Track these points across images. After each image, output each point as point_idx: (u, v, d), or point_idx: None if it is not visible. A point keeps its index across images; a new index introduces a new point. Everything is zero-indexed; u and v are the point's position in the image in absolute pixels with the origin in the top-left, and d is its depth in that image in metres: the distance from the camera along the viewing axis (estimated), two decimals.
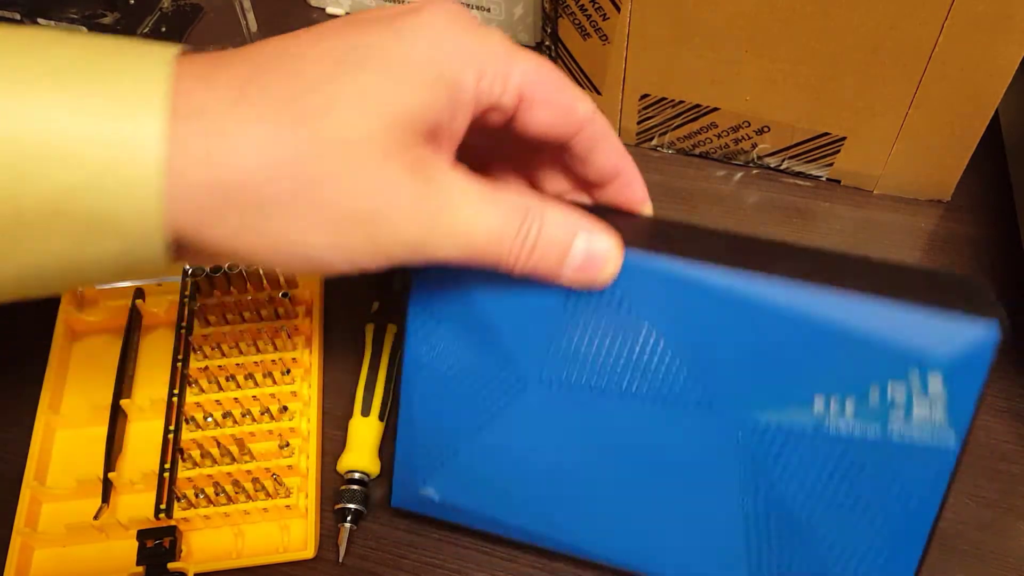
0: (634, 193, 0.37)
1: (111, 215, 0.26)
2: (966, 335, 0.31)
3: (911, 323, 0.32)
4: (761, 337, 0.33)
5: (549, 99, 0.32)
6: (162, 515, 0.41)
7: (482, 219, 0.30)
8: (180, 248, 0.28)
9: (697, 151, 0.55)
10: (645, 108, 0.53)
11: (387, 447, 0.45)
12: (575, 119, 0.33)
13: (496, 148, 0.36)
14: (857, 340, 0.32)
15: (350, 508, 0.42)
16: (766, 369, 0.33)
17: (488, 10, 0.59)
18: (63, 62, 0.25)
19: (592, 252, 0.32)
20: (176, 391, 0.44)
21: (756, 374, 0.34)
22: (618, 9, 0.47)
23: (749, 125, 0.52)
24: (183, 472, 0.42)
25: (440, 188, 0.29)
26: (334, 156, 0.27)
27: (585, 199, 0.38)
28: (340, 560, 0.42)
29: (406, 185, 0.28)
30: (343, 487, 0.43)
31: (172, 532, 0.41)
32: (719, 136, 0.53)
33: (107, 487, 0.42)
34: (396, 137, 0.28)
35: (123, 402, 0.45)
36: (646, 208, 0.38)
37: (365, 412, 0.44)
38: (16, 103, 0.25)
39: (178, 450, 0.43)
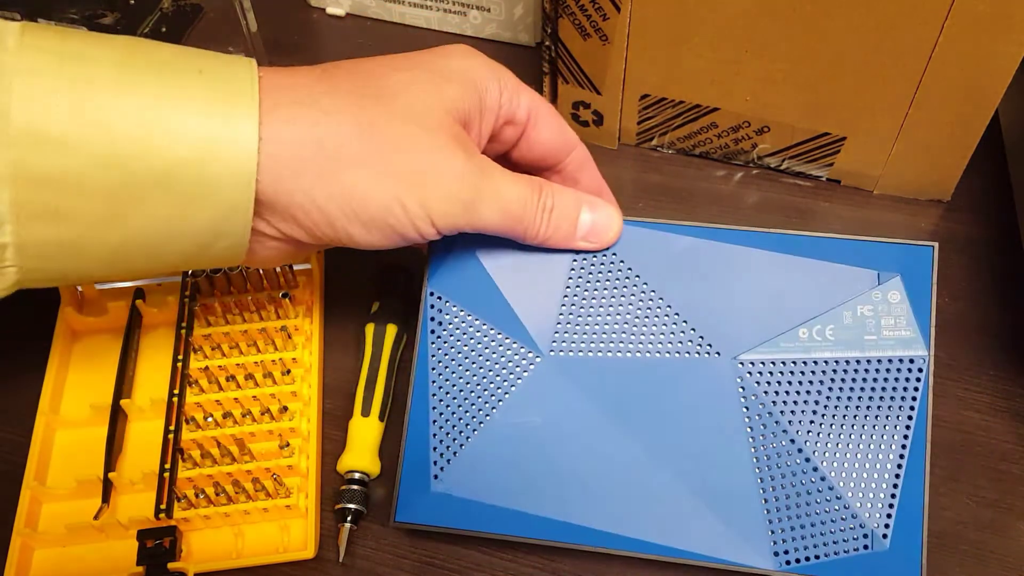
0: (598, 189, 0.44)
1: (210, 186, 0.31)
2: (912, 253, 0.39)
3: (867, 251, 0.39)
4: (745, 281, 0.39)
5: (550, 121, 0.40)
6: (162, 515, 0.41)
7: (513, 187, 0.37)
8: (259, 215, 0.33)
9: (697, 151, 0.55)
10: (645, 108, 0.53)
11: (387, 447, 0.45)
12: (568, 140, 0.41)
13: None
14: (825, 272, 0.39)
15: (350, 508, 0.42)
16: (754, 310, 0.39)
17: (488, 10, 0.59)
18: (167, 58, 0.31)
19: (596, 219, 0.39)
20: (176, 391, 0.44)
21: (747, 316, 0.39)
22: (618, 9, 0.47)
23: (749, 125, 0.52)
24: (183, 472, 0.42)
25: (480, 160, 0.36)
26: (400, 124, 0.33)
27: None
28: (340, 560, 0.42)
29: (457, 153, 0.35)
30: (343, 487, 0.43)
31: (172, 532, 0.41)
32: (719, 136, 0.53)
33: (107, 487, 0.42)
34: (442, 117, 0.35)
35: (123, 402, 0.45)
36: (606, 193, 0.45)
37: (365, 412, 0.44)
38: (139, 97, 0.30)
39: (178, 450, 0.43)
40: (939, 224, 0.52)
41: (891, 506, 0.37)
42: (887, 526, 0.37)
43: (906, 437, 0.37)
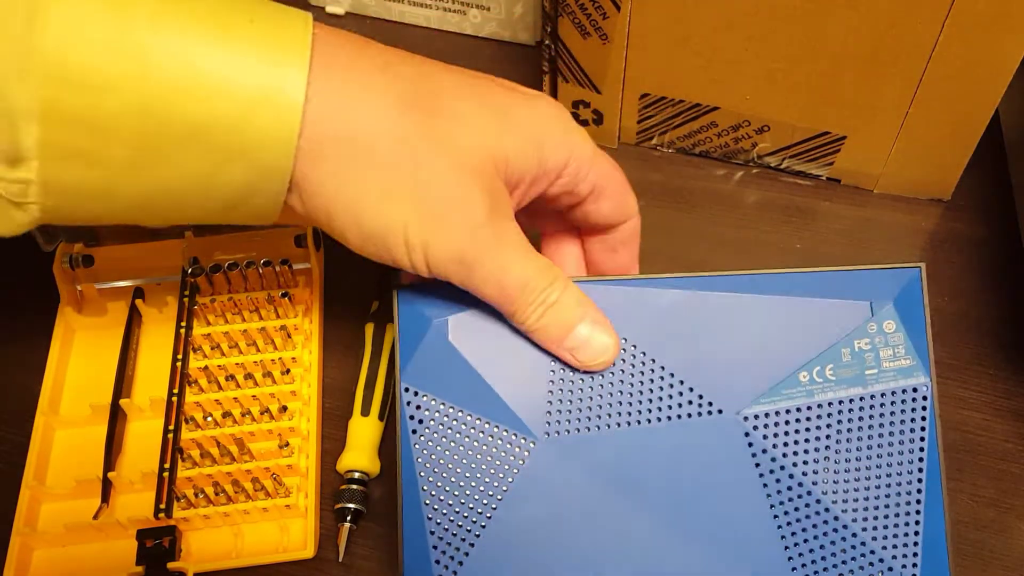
0: (629, 265, 0.42)
1: (248, 145, 0.29)
2: (900, 276, 0.37)
3: (856, 281, 0.37)
4: (737, 330, 0.37)
5: (614, 195, 0.38)
6: (161, 515, 0.41)
7: (522, 269, 0.34)
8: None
9: (697, 150, 0.55)
10: (645, 107, 0.53)
11: (387, 447, 0.45)
12: (627, 213, 0.39)
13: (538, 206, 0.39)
14: (817, 310, 0.37)
15: (350, 508, 0.42)
16: (751, 360, 0.37)
17: (488, 9, 0.59)
18: (215, 3, 0.29)
19: (592, 339, 0.35)
20: (176, 391, 0.44)
21: (744, 367, 0.36)
22: (618, 8, 0.47)
23: (749, 124, 0.52)
24: (183, 472, 0.42)
25: (503, 225, 0.33)
26: (435, 153, 0.31)
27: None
28: (340, 560, 0.42)
29: (480, 207, 0.32)
30: (343, 487, 0.43)
31: (172, 532, 0.41)
32: (719, 135, 0.53)
33: (106, 487, 0.42)
34: (483, 164, 0.32)
35: (123, 402, 0.44)
36: (633, 272, 0.42)
37: (365, 412, 0.44)
38: (180, 36, 0.28)
39: (178, 450, 0.43)
40: (939, 223, 0.52)
41: (916, 544, 0.36)
42: (915, 565, 0.36)
43: (921, 470, 0.36)
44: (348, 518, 0.42)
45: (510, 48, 0.61)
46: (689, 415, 0.36)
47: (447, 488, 0.36)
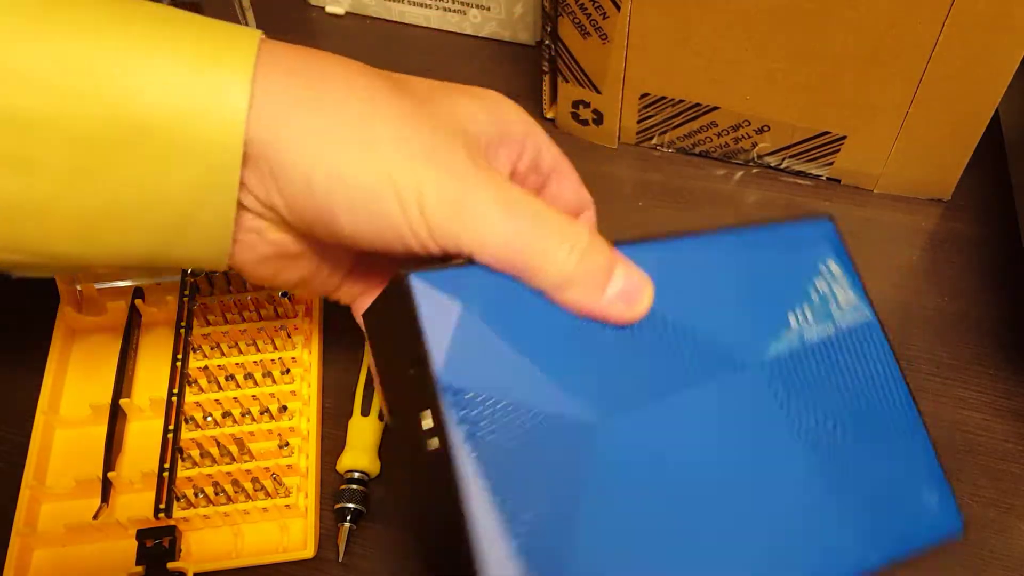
0: None
1: (195, 139, 0.28)
2: (827, 227, 0.40)
3: (798, 232, 0.39)
4: (727, 285, 0.37)
5: (571, 178, 0.39)
6: (161, 515, 0.41)
7: (534, 202, 0.30)
8: (246, 177, 0.29)
9: (697, 150, 0.55)
10: (645, 107, 0.53)
11: (387, 447, 0.45)
12: (583, 202, 0.39)
13: None
14: (781, 259, 0.39)
15: (350, 508, 0.42)
16: (749, 312, 0.37)
17: (488, 8, 0.59)
18: (158, 10, 0.29)
19: (630, 283, 0.32)
20: (176, 391, 0.44)
21: (745, 319, 0.37)
22: (618, 8, 0.47)
23: (749, 124, 0.52)
24: (182, 472, 0.42)
25: (489, 165, 0.32)
26: (404, 105, 0.31)
27: None
28: (340, 560, 0.42)
29: (459, 150, 0.31)
30: (343, 487, 0.43)
31: (171, 532, 0.41)
32: (719, 135, 0.53)
33: (106, 487, 0.42)
34: (454, 120, 0.32)
35: (122, 402, 0.44)
36: None
37: (365, 412, 0.44)
38: (124, 35, 0.28)
39: (177, 450, 0.43)
40: (939, 223, 0.52)
41: (926, 461, 0.37)
42: (929, 483, 0.37)
43: (906, 392, 0.38)
44: (348, 518, 0.42)
45: (510, 48, 0.61)
46: (716, 372, 0.35)
47: (526, 500, 0.30)
